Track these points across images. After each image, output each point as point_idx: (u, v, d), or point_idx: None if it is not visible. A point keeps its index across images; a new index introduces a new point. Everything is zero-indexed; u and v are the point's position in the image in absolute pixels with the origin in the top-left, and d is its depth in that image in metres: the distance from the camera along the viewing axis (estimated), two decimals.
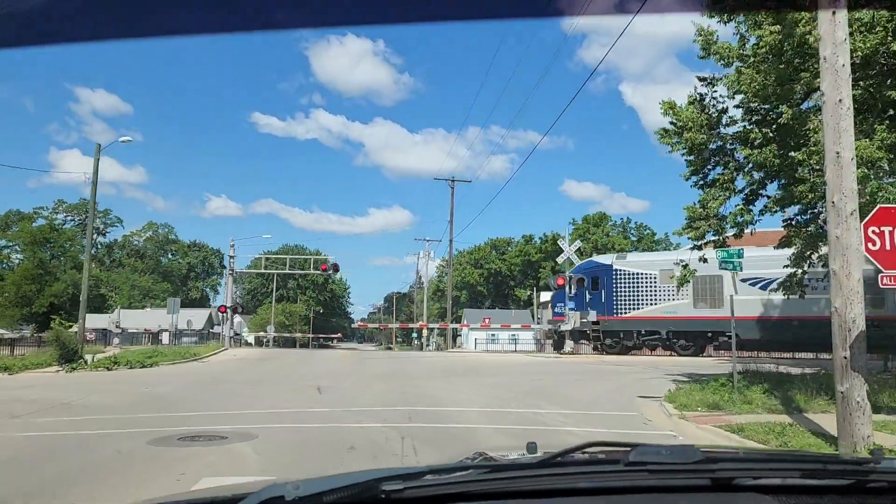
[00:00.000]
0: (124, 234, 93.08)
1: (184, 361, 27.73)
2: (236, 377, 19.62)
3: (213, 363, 27.10)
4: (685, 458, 1.44)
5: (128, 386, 17.04)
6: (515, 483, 1.42)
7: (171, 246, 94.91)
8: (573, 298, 28.07)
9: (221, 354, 31.58)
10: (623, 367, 21.18)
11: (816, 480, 1.49)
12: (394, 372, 20.89)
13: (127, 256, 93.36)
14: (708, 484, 1.43)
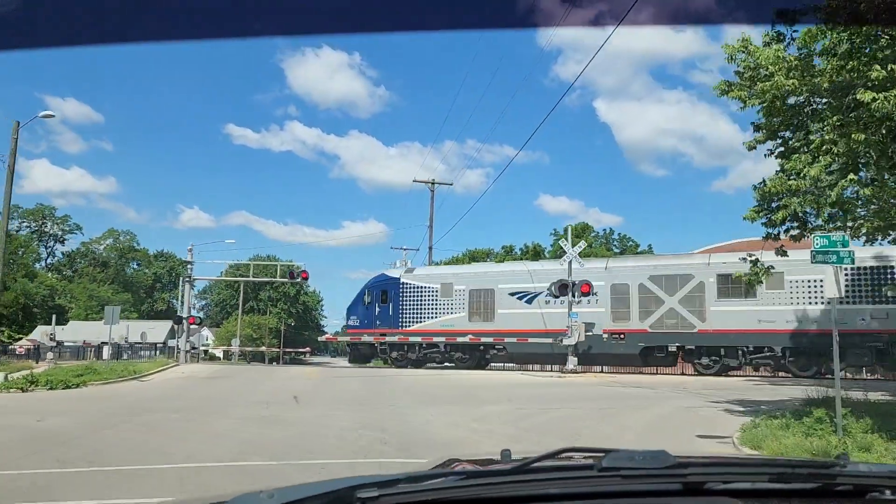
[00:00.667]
0: (83, 242, 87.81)
1: (119, 380, 23.39)
2: (168, 403, 15.52)
3: (153, 383, 22.86)
4: (657, 462, 1.43)
5: (19, 416, 13.02)
6: (489, 490, 1.41)
7: (133, 254, 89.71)
8: (366, 311, 28.41)
9: (170, 371, 27.28)
10: (648, 391, 17.45)
11: (784, 484, 1.50)
12: (367, 396, 16.93)
13: (89, 266, 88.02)
14: (679, 488, 1.44)
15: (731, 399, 14.53)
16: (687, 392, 16.93)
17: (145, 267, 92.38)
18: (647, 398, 15.56)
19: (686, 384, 19.07)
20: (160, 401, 16.26)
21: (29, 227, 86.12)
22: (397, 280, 28.32)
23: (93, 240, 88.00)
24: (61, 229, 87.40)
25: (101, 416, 12.96)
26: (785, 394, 14.92)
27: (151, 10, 1.92)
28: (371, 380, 22.37)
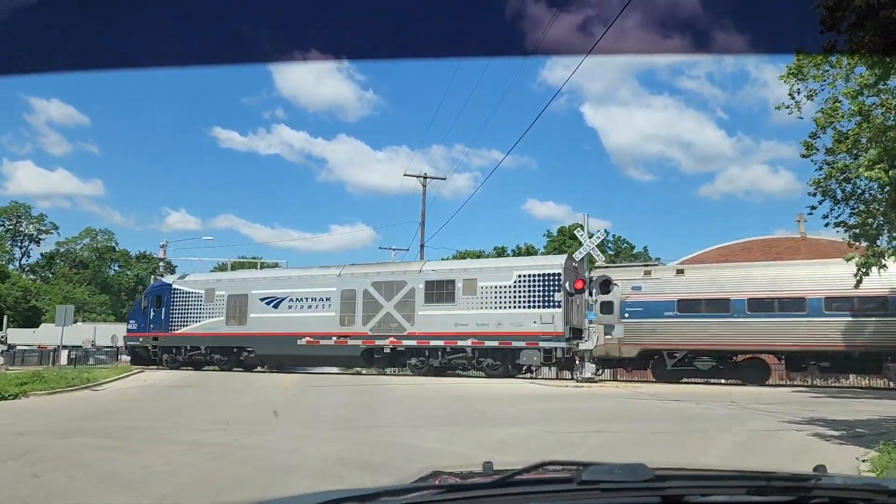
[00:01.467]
0: (59, 241, 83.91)
1: (68, 390, 20.19)
2: (104, 423, 12.45)
3: (105, 393, 19.69)
4: (636, 476, 1.43)
5: None
6: (469, 503, 1.41)
7: (112, 255, 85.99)
8: (142, 316, 29.80)
9: (130, 378, 24.07)
10: (692, 406, 14.48)
11: (761, 497, 1.50)
12: (351, 412, 13.90)
13: (70, 268, 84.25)
14: (658, 502, 1.43)
15: (804, 418, 11.65)
16: (737, 407, 14.01)
17: (126, 269, 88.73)
18: (702, 417, 12.59)
19: (730, 396, 16.14)
20: (98, 418, 13.17)
21: (2, 226, 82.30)
22: (170, 286, 30.12)
23: (69, 239, 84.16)
24: (37, 229, 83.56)
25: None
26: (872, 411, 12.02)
27: (151, 36, 1.92)
28: (357, 390, 19.32)
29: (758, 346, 21.08)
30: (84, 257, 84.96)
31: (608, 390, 18.47)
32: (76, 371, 23.87)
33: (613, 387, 19.55)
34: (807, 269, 21.36)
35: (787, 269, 21.71)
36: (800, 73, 32.53)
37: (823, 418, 11.65)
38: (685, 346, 21.45)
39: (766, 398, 15.85)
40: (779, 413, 12.92)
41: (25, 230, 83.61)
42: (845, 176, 27.95)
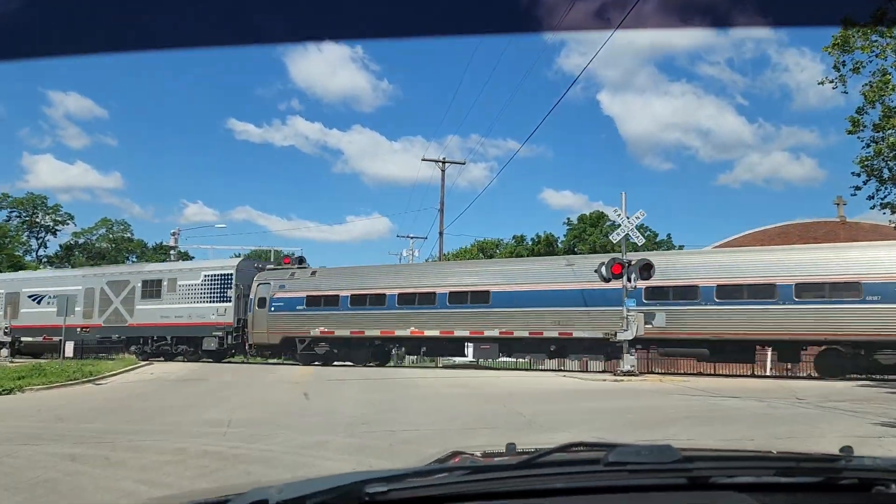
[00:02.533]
0: (74, 232, 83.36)
1: (68, 384, 18.89)
2: (91, 424, 10.97)
3: (106, 388, 18.33)
4: (663, 457, 1.44)
5: None
6: (495, 484, 1.42)
7: (129, 245, 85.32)
8: None
9: (135, 372, 22.73)
10: (757, 404, 12.72)
11: (789, 478, 1.49)
12: (370, 412, 12.32)
13: (86, 258, 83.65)
14: (685, 483, 1.43)
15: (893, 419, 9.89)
16: (809, 405, 12.25)
17: (143, 259, 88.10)
18: (776, 419, 10.84)
19: (795, 393, 14.35)
20: (84, 419, 11.70)
21: (20, 217, 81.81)
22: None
23: (84, 230, 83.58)
24: (53, 220, 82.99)
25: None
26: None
27: (163, 17, 1.80)
28: (376, 385, 17.75)
29: (400, 335, 24.52)
30: (101, 248, 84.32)
31: (651, 385, 16.72)
32: (78, 364, 22.54)
33: (656, 380, 17.78)
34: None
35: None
36: (846, 44, 30.06)
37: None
38: (313, 334, 25.47)
39: (835, 395, 14.05)
40: (858, 412, 11.19)
41: (42, 221, 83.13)
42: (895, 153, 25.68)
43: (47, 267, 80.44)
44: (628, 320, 18.65)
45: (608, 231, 74.14)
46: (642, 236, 19.87)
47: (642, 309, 18.88)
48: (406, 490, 1.34)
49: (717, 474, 1.47)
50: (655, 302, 19.50)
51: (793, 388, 15.79)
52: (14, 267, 66.97)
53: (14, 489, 6.70)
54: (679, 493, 1.43)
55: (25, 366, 22.03)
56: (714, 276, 19.48)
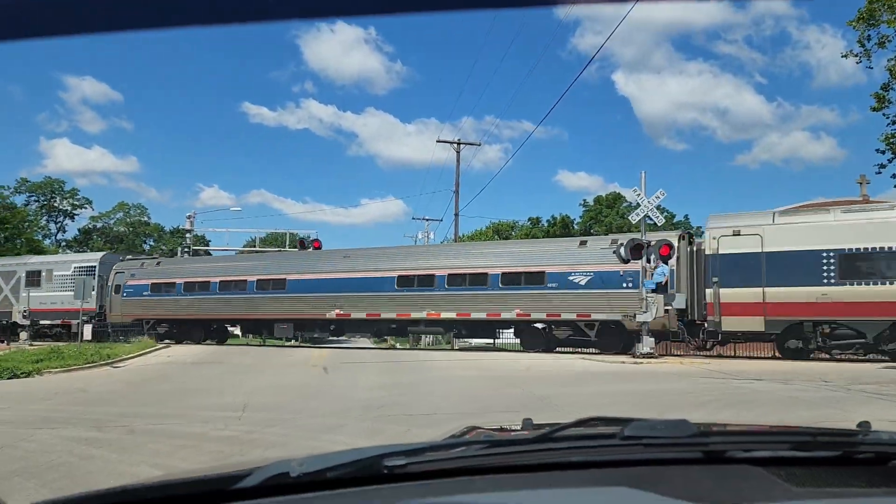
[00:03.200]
0: (92, 216, 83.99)
1: (86, 367, 18.95)
2: (102, 408, 10.92)
3: (123, 371, 18.37)
4: (679, 432, 1.45)
5: None
6: (512, 458, 1.45)
7: (146, 229, 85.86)
8: None
9: (153, 354, 22.78)
10: (780, 386, 12.42)
11: (806, 452, 1.49)
12: (390, 395, 12.16)
13: (104, 242, 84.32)
14: (701, 457, 1.44)
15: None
16: (837, 388, 11.93)
17: (161, 243, 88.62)
18: (807, 402, 10.54)
19: (822, 376, 14.02)
20: (99, 402, 11.67)
21: (38, 202, 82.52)
22: None
23: (102, 214, 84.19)
24: (71, 204, 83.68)
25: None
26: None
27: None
28: (394, 367, 17.65)
29: (226, 316, 28.54)
30: (119, 232, 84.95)
31: (672, 367, 16.45)
32: (96, 347, 22.64)
33: (676, 363, 17.50)
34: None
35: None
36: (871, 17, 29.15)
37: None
38: (155, 316, 28.77)
39: (864, 377, 13.70)
40: (885, 395, 10.89)
41: (60, 206, 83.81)
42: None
43: (66, 251, 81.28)
44: (647, 302, 18.34)
45: (625, 212, 73.59)
46: (661, 216, 19.46)
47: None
48: (424, 463, 1.37)
49: (733, 448, 1.48)
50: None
51: (818, 370, 15.45)
52: (34, 251, 67.77)
53: (28, 474, 6.62)
54: (695, 467, 1.42)
55: (44, 349, 22.17)
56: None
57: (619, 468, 1.41)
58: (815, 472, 1.44)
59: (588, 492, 1.34)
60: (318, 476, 1.29)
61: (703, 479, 1.37)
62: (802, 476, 1.40)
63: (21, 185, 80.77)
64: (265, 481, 1.28)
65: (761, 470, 1.40)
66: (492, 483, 1.34)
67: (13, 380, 15.87)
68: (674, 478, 1.36)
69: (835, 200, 37.19)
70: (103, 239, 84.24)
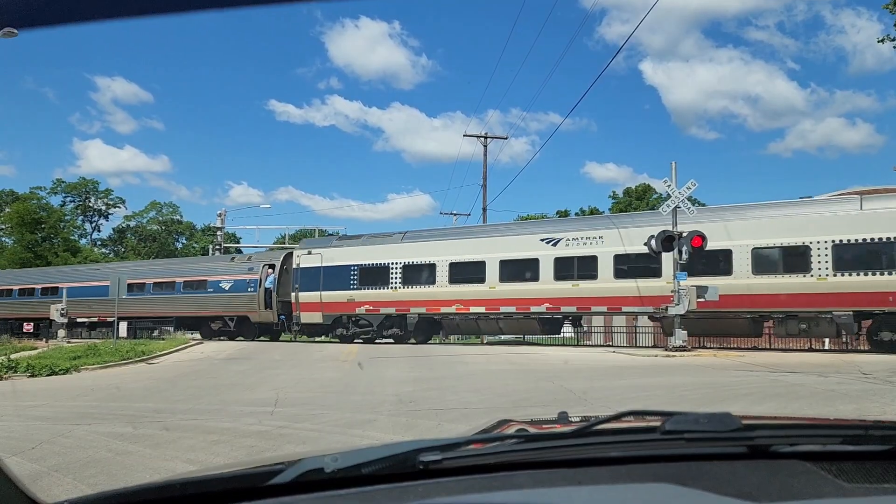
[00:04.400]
0: (125, 216, 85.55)
1: (122, 363, 19.34)
2: (138, 403, 11.08)
3: (159, 367, 18.67)
4: (722, 426, 1.39)
5: None
6: (550, 453, 1.41)
7: (178, 227, 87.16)
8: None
9: (187, 351, 23.17)
10: (824, 380, 12.15)
11: (857, 446, 1.42)
12: (419, 391, 12.17)
13: (137, 241, 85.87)
14: (745, 452, 1.39)
15: None
16: (877, 381, 11.63)
17: (193, 241, 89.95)
18: (852, 396, 10.27)
19: (859, 367, 13.68)
20: (134, 398, 11.85)
21: (73, 202, 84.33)
22: None
23: (135, 213, 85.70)
24: (105, 203, 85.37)
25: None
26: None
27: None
28: (424, 361, 17.65)
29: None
30: (153, 231, 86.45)
31: (706, 360, 16.20)
32: (131, 343, 23.07)
33: (710, 355, 17.23)
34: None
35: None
36: None
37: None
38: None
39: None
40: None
41: (94, 205, 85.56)
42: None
43: (102, 250, 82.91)
44: (679, 294, 18.07)
45: (655, 204, 72.77)
46: (693, 207, 19.13)
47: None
48: (460, 458, 1.35)
49: (779, 442, 1.42)
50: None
51: (856, 361, 15.09)
52: (70, 251, 69.29)
53: (65, 469, 6.72)
54: (739, 462, 1.38)
55: (81, 346, 22.66)
56: None
57: (661, 463, 1.36)
58: (867, 466, 1.37)
59: (629, 488, 1.29)
60: (352, 471, 1.28)
61: (748, 475, 1.31)
62: (853, 471, 1.32)
63: (57, 185, 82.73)
64: (299, 477, 1.27)
65: (810, 465, 1.34)
66: (530, 478, 1.31)
67: (52, 376, 16.23)
68: (718, 473, 1.31)
69: (872, 189, 36.34)
70: (136, 238, 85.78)
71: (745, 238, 19.04)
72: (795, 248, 18.55)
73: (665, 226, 18.49)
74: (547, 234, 22.18)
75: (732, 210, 20.26)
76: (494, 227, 25.72)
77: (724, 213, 20.02)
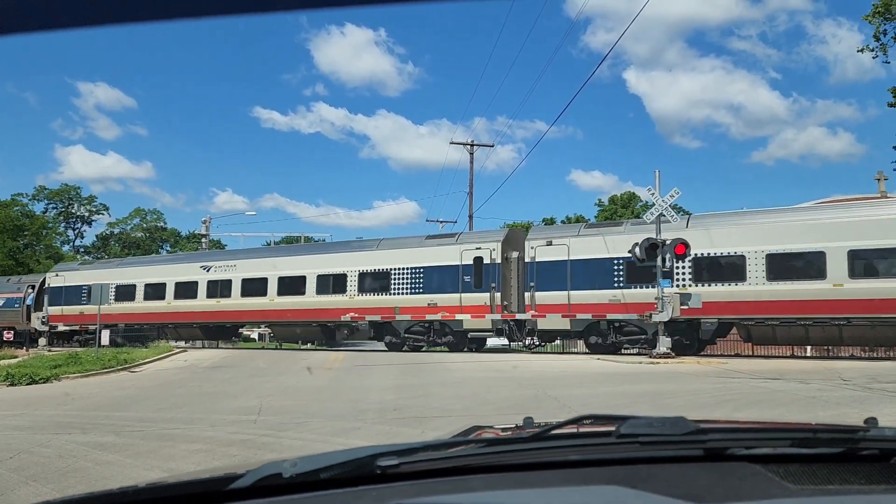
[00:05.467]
0: (109, 222, 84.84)
1: (104, 372, 19.15)
2: (119, 413, 10.99)
3: (141, 375, 18.52)
4: (676, 429, 1.43)
5: None
6: (508, 457, 1.43)
7: (162, 234, 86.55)
8: None
9: (170, 359, 22.98)
10: (801, 386, 12.27)
11: (807, 449, 1.46)
12: (404, 399, 12.15)
13: (121, 248, 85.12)
14: (700, 454, 1.42)
15: None
16: (857, 388, 11.77)
17: (177, 248, 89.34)
18: (833, 403, 10.39)
19: (840, 374, 13.83)
20: (116, 407, 11.73)
21: (56, 209, 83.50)
22: None
23: (119, 220, 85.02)
24: (88, 210, 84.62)
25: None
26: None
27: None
28: (410, 369, 17.63)
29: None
30: (137, 238, 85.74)
31: (689, 367, 16.31)
32: (113, 352, 22.84)
33: (694, 363, 17.34)
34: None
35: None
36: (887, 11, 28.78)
37: None
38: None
39: (882, 376, 13.50)
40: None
41: (77, 212, 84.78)
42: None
43: (85, 257, 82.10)
44: (663, 301, 18.20)
45: (640, 212, 73.11)
46: (676, 215, 19.30)
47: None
48: (416, 463, 1.36)
49: (730, 445, 1.46)
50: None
51: (836, 368, 15.26)
52: (53, 258, 68.53)
53: (44, 479, 6.66)
54: (691, 465, 1.41)
55: (62, 354, 22.41)
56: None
57: (615, 466, 1.39)
58: (815, 468, 1.41)
59: (578, 490, 1.31)
60: (311, 476, 1.29)
61: (698, 477, 1.35)
62: (801, 473, 1.37)
63: (39, 192, 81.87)
64: (258, 482, 1.28)
65: (759, 467, 1.38)
66: (485, 482, 1.32)
67: (32, 385, 16.04)
68: (669, 476, 1.34)
69: (852, 197, 36.80)
70: (120, 245, 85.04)
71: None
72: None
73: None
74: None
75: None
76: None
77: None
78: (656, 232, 18.62)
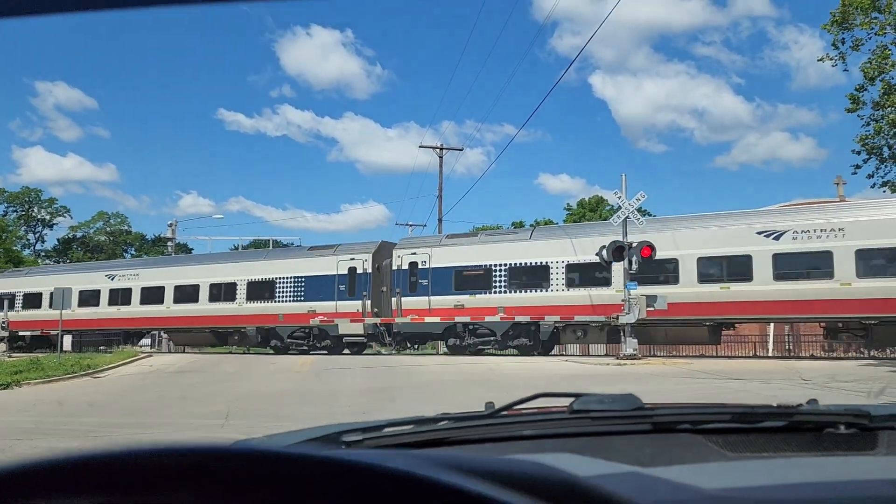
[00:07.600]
0: (72, 226, 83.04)
1: (67, 378, 18.74)
2: (84, 418, 10.83)
3: (105, 380, 18.20)
4: (626, 405, 1.51)
5: None
6: (466, 432, 1.51)
7: (127, 238, 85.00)
8: None
9: (136, 364, 22.59)
10: (756, 385, 12.58)
11: (750, 423, 1.56)
12: (373, 402, 12.17)
13: (84, 252, 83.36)
14: (648, 428, 1.51)
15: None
16: (817, 387, 12.12)
17: (143, 252, 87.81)
18: (788, 401, 10.68)
19: (800, 374, 14.21)
20: (84, 412, 11.56)
21: (16, 212, 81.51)
22: None
23: (81, 224, 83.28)
24: (48, 213, 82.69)
25: None
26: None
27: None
28: (381, 372, 17.63)
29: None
30: (100, 241, 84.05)
31: (654, 368, 16.60)
32: (76, 357, 22.41)
33: (659, 364, 17.66)
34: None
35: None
36: (845, 20, 29.26)
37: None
38: None
39: (841, 375, 13.91)
40: (863, 393, 11.07)
41: (38, 215, 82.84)
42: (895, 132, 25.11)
43: (46, 261, 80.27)
44: (630, 303, 18.47)
45: (608, 216, 73.98)
46: (643, 218, 19.62)
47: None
48: (379, 438, 1.42)
49: (674, 419, 1.56)
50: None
51: (797, 368, 15.67)
52: (13, 262, 66.89)
53: None
54: (639, 436, 1.50)
55: (23, 360, 21.91)
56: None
57: (569, 439, 1.47)
58: (752, 438, 1.52)
59: (531, 457, 1.39)
60: None
61: (645, 447, 1.45)
62: (739, 443, 1.49)
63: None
64: None
65: (701, 438, 1.48)
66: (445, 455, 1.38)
67: None
68: (619, 446, 1.44)
69: (813, 201, 37.74)
70: (83, 249, 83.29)
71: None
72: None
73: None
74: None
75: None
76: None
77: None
78: (622, 234, 18.93)
